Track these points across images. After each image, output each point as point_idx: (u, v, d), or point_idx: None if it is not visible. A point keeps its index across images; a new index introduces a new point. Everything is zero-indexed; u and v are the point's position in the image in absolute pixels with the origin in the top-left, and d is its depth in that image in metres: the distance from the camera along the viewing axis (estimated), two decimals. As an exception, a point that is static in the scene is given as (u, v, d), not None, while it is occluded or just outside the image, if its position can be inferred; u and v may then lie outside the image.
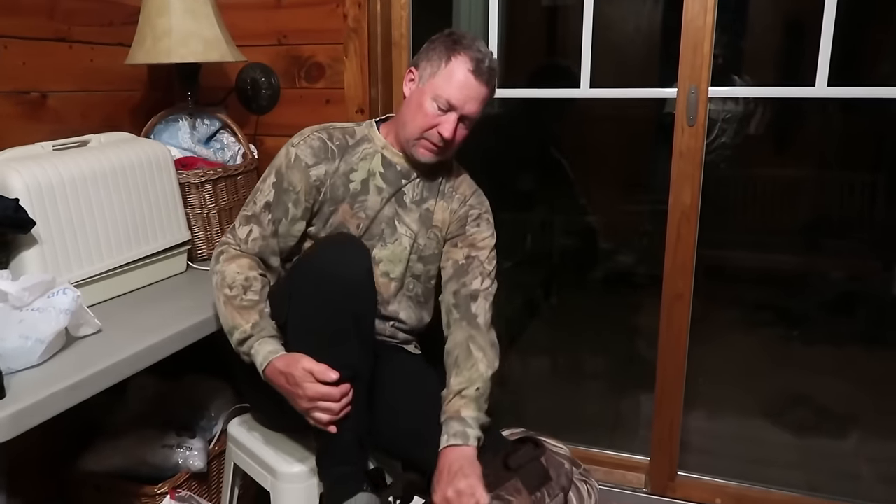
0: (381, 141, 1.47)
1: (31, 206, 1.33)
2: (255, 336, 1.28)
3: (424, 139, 1.39)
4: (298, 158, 1.40)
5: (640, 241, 3.78)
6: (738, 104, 3.01)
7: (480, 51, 1.36)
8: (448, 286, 1.47)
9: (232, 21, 1.93)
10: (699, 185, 1.79)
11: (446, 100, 1.34)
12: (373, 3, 1.89)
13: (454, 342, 1.39)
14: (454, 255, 1.48)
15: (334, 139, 1.43)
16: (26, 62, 1.64)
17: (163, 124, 1.85)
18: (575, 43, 1.83)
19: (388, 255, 1.45)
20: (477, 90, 1.36)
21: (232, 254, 1.38)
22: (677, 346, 1.88)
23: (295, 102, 2.00)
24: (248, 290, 1.32)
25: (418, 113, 1.37)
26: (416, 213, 1.47)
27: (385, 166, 1.45)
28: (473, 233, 1.48)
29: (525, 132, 3.65)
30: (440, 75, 1.35)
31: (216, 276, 1.36)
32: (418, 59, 1.41)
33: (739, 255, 3.63)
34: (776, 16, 3.72)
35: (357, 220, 1.43)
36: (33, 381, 1.12)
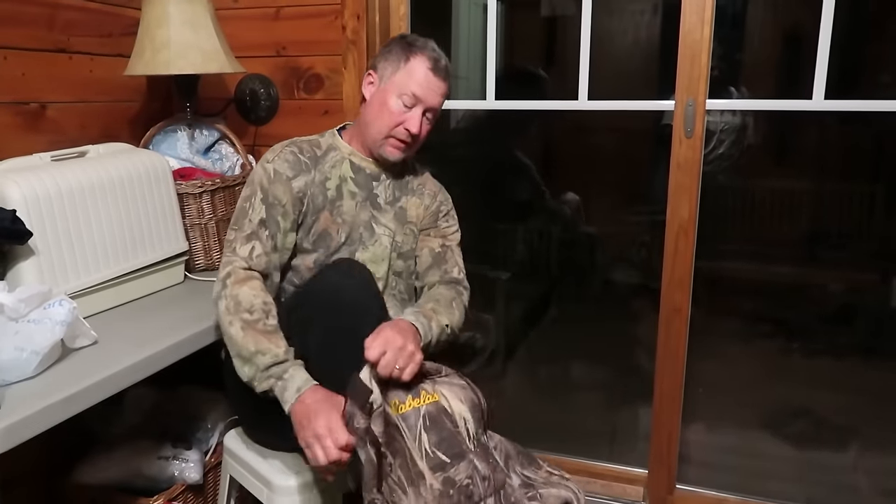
0: (347, 147, 1.50)
1: (28, 216, 1.33)
2: (289, 361, 1.25)
3: (392, 137, 1.43)
4: (278, 172, 1.41)
5: (639, 252, 3.79)
6: (736, 115, 3.02)
7: (435, 50, 1.43)
8: (429, 272, 1.54)
9: (231, 32, 1.94)
10: (697, 197, 1.79)
11: (411, 93, 1.39)
12: (371, 15, 1.89)
13: (441, 293, 1.46)
14: (429, 243, 1.55)
15: (304, 152, 1.46)
16: (25, 73, 1.64)
17: (161, 135, 1.86)
18: (573, 53, 1.84)
19: (370, 257, 1.48)
20: (437, 85, 1.42)
21: (241, 275, 1.34)
22: (675, 360, 1.88)
23: (293, 113, 2.01)
24: (269, 314, 1.30)
25: (383, 111, 1.41)
26: (390, 212, 1.51)
27: (355, 171, 1.49)
28: (445, 227, 1.58)
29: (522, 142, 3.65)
30: (401, 73, 1.40)
31: (226, 301, 1.31)
32: (375, 62, 1.46)
33: (738, 267, 3.64)
34: (774, 28, 3.74)
35: (337, 226, 1.45)
36: (28, 394, 1.12)
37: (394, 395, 1.23)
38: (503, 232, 3.53)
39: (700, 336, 1.93)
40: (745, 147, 3.37)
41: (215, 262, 1.83)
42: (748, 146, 3.39)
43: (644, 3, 4.04)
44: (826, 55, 1.64)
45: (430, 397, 1.25)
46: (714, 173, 3.04)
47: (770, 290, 3.59)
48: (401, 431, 1.20)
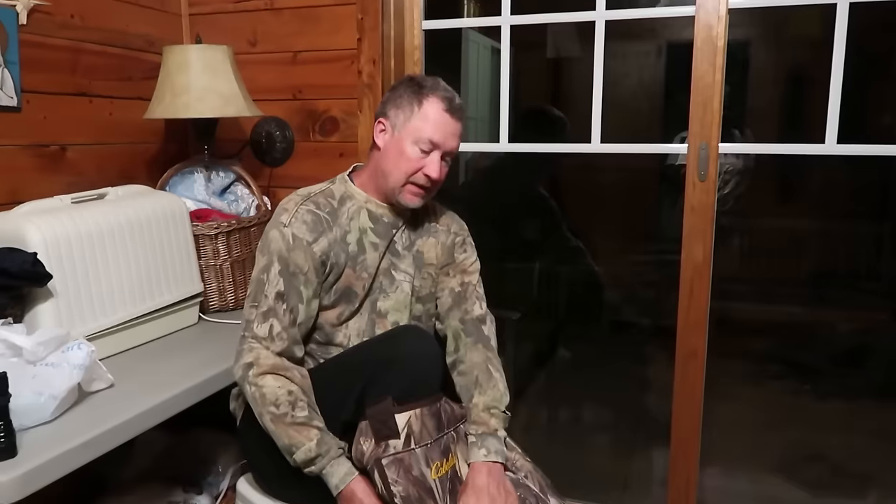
0: (362, 195, 1.43)
1: (48, 259, 1.33)
2: (323, 456, 1.22)
3: (411, 184, 1.38)
4: (297, 238, 1.33)
5: (647, 292, 3.77)
6: (739, 157, 3.04)
7: (447, 89, 1.38)
8: (451, 314, 1.49)
9: (250, 76, 1.98)
10: (711, 240, 1.79)
11: (428, 139, 1.35)
12: (387, 60, 1.92)
13: (472, 363, 1.42)
14: (448, 283, 1.51)
15: (321, 207, 1.38)
16: (47, 116, 1.67)
17: (178, 176, 1.87)
18: (577, 94, 1.86)
19: (392, 305, 1.43)
20: (453, 126, 1.38)
21: (263, 366, 1.27)
22: (692, 404, 1.85)
23: (309, 155, 2.03)
24: (295, 405, 1.24)
25: (400, 159, 1.36)
26: (408, 257, 1.46)
27: (373, 220, 1.42)
28: (462, 259, 1.53)
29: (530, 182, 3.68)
30: (415, 119, 1.35)
31: (252, 390, 1.26)
32: (385, 108, 1.40)
33: (746, 307, 3.62)
34: (777, 70, 3.79)
35: (361, 281, 1.40)
36: (45, 438, 1.11)
37: (434, 457, 1.23)
38: (513, 271, 3.53)
39: (711, 376, 1.90)
40: (751, 187, 3.39)
41: (229, 302, 1.83)
42: (753, 186, 3.41)
43: (648, 46, 4.11)
44: (838, 99, 1.66)
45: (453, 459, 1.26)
46: (721, 213, 3.05)
47: (779, 331, 3.57)
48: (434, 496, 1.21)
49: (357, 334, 1.40)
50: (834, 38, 1.65)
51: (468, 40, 3.44)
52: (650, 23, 3.90)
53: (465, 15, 3.12)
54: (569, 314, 3.60)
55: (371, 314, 1.41)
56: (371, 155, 1.44)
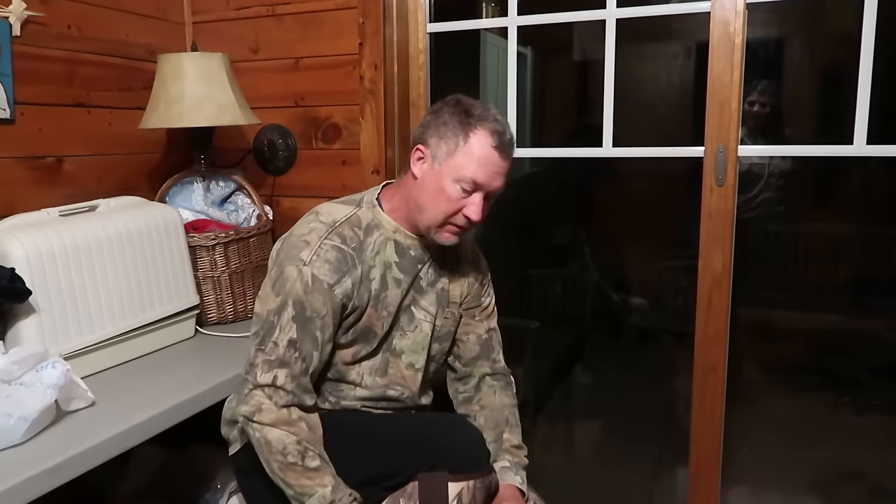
0: (391, 224, 1.29)
1: (30, 274, 1.30)
2: (336, 503, 1.14)
3: (450, 224, 1.24)
4: (318, 280, 1.19)
5: (675, 299, 3.64)
6: (786, 159, 2.90)
7: (498, 120, 1.22)
8: (479, 362, 1.43)
9: (251, 83, 1.94)
10: (731, 248, 1.69)
11: (471, 180, 1.19)
12: (389, 64, 1.87)
13: (502, 404, 1.40)
14: (475, 329, 1.43)
15: (348, 240, 1.24)
16: (42, 127, 1.65)
17: (177, 186, 1.84)
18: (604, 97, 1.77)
19: (409, 345, 1.33)
20: (501, 165, 1.21)
21: (265, 419, 1.17)
22: (712, 422, 1.75)
23: (311, 164, 1.98)
24: (305, 455, 1.16)
25: (440, 198, 1.21)
26: (431, 294, 1.35)
27: (399, 254, 1.29)
28: (487, 303, 1.45)
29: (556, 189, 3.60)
30: (459, 154, 1.19)
31: (257, 436, 1.18)
32: (425, 134, 1.24)
33: (782, 314, 3.46)
34: (812, 68, 3.63)
35: (381, 321, 1.28)
36: (13, 462, 1.07)
37: None
38: (534, 279, 3.45)
39: (741, 388, 1.79)
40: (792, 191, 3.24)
41: (228, 315, 1.79)
42: (794, 190, 3.26)
43: (676, 47, 3.98)
44: (867, 98, 1.54)
45: None
46: (760, 218, 2.92)
47: (816, 340, 3.40)
48: None
49: (370, 372, 1.31)
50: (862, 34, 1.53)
51: (486, 43, 3.37)
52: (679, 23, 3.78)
53: (483, 17, 3.05)
54: (592, 323, 3.50)
55: (385, 353, 1.32)
56: (405, 180, 1.29)
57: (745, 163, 2.56)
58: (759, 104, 2.69)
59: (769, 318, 3.35)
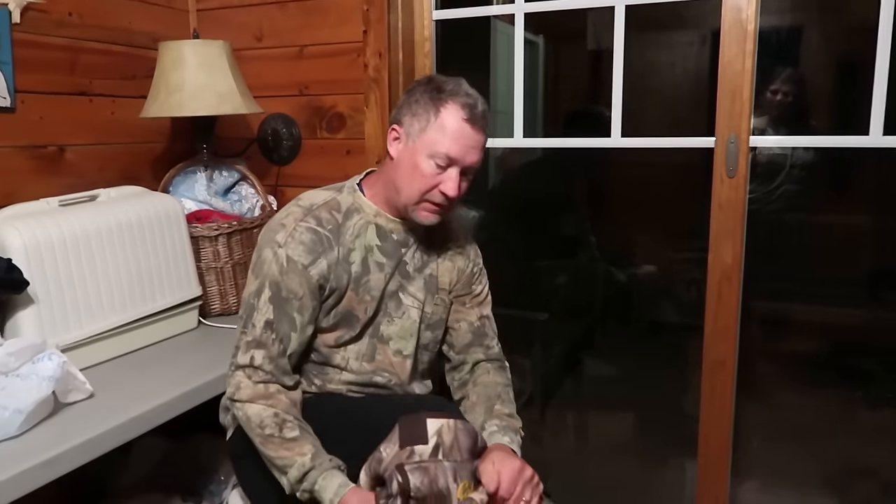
0: (371, 208, 1.29)
1: (28, 264, 1.29)
2: (316, 469, 1.13)
3: (426, 201, 1.23)
4: (292, 261, 1.20)
5: (689, 291, 3.60)
6: (809, 151, 2.84)
7: (469, 94, 1.21)
8: (471, 349, 1.41)
9: (255, 72, 1.92)
10: (742, 240, 1.65)
11: (445, 155, 1.19)
12: (394, 52, 1.83)
13: (496, 382, 1.37)
14: (466, 316, 1.40)
15: (324, 223, 1.24)
16: (43, 116, 1.63)
17: (181, 176, 1.83)
18: (623, 90, 1.73)
19: (396, 332, 1.32)
20: (474, 139, 1.21)
21: (243, 394, 1.19)
22: (721, 417, 1.72)
23: (316, 153, 1.96)
24: (283, 426, 1.16)
25: (414, 175, 1.21)
26: (419, 280, 1.33)
27: (381, 237, 1.29)
28: (479, 290, 1.43)
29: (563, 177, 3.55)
30: (431, 129, 1.19)
31: (239, 414, 1.20)
32: (399, 114, 1.25)
33: (797, 308, 3.41)
34: (829, 58, 3.55)
35: (364, 305, 1.28)
36: (7, 455, 1.06)
37: (463, 475, 1.11)
38: (541, 270, 3.41)
39: (751, 382, 1.76)
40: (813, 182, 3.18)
41: (231, 306, 1.77)
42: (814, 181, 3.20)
43: (691, 35, 3.91)
44: (884, 89, 1.49)
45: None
46: (780, 211, 2.86)
47: (830, 334, 3.34)
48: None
49: (356, 357, 1.30)
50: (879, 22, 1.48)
51: (496, 31, 3.32)
52: (694, 9, 3.71)
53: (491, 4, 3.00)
54: (602, 314, 3.47)
55: (372, 338, 1.31)
56: (384, 164, 1.30)
57: (766, 154, 2.51)
58: (781, 93, 2.62)
59: (783, 311, 3.29)
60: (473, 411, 1.32)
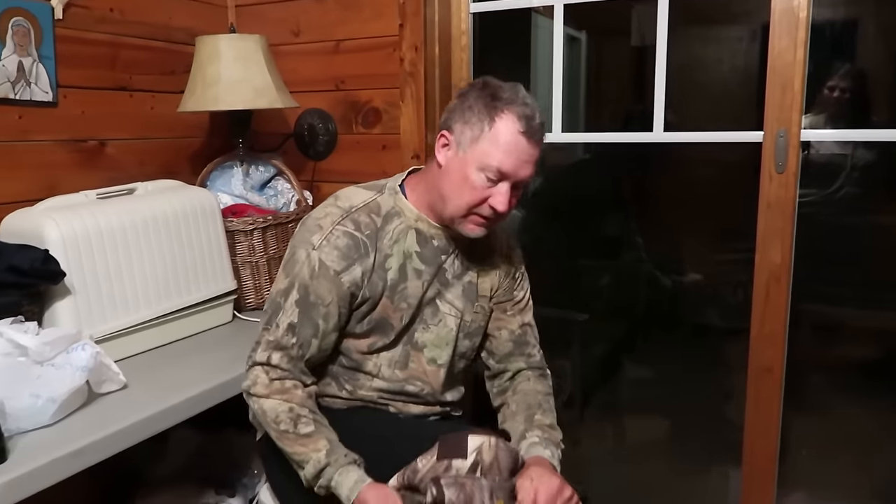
0: (413, 212, 1.23)
1: (65, 256, 1.31)
2: (332, 465, 1.11)
3: (474, 214, 1.17)
4: (324, 265, 1.16)
5: (735, 293, 3.49)
6: (870, 150, 2.70)
7: (527, 104, 1.13)
8: (512, 358, 1.37)
9: (292, 67, 1.92)
10: (791, 240, 1.58)
11: (497, 169, 1.12)
12: (430, 46, 1.81)
13: (537, 390, 1.33)
14: (507, 324, 1.36)
15: (362, 227, 1.19)
16: (85, 111, 1.66)
17: (218, 171, 1.84)
18: (668, 86, 1.67)
19: (432, 340, 1.27)
20: (529, 153, 1.13)
21: (259, 392, 1.17)
22: (768, 425, 1.64)
23: (351, 148, 1.95)
24: (297, 421, 1.14)
25: (463, 187, 1.14)
26: (458, 287, 1.28)
27: (421, 244, 1.23)
28: (520, 297, 1.37)
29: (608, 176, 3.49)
30: (484, 140, 1.12)
31: (255, 408, 1.19)
32: (450, 120, 1.17)
33: (849, 312, 3.27)
34: (887, 52, 3.40)
35: (399, 313, 1.23)
36: (41, 444, 1.07)
37: (499, 495, 1.08)
38: (583, 270, 3.35)
39: (802, 389, 1.68)
40: (874, 184, 3.04)
41: (266, 300, 1.77)
42: (875, 182, 3.05)
43: (741, 30, 3.79)
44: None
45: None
46: (841, 214, 2.74)
47: (885, 340, 3.20)
48: None
49: (388, 364, 1.26)
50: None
51: (538, 27, 3.27)
52: (742, 4, 3.59)
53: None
54: (645, 316, 3.38)
55: (406, 346, 1.27)
56: (430, 168, 1.23)
57: (825, 155, 2.41)
58: (839, 89, 2.50)
59: (836, 316, 3.16)
60: (513, 420, 1.28)
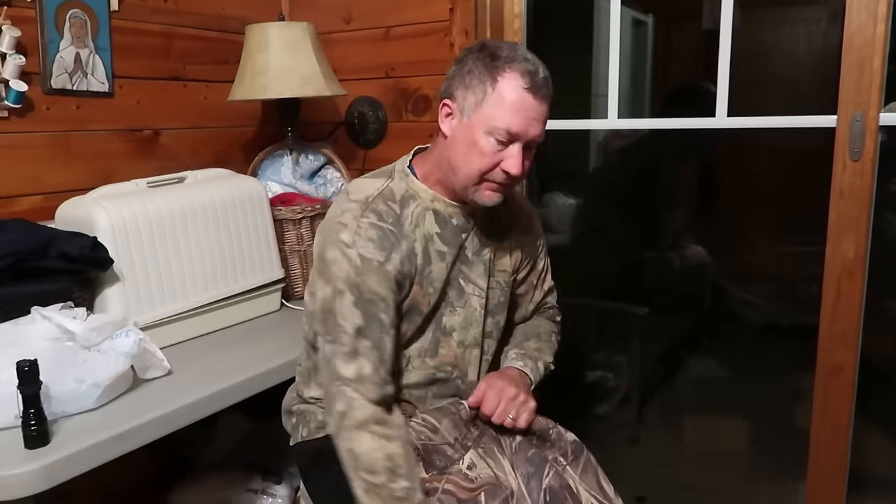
0: (427, 193, 1.18)
1: (114, 243, 1.33)
2: None
3: (487, 181, 1.12)
4: (366, 259, 1.10)
5: (808, 288, 3.30)
6: None
7: (528, 59, 1.08)
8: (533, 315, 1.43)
9: (342, 55, 1.91)
10: (867, 232, 1.46)
11: (505, 130, 1.07)
12: (481, 31, 1.76)
13: (538, 323, 1.39)
14: (534, 295, 1.39)
15: (384, 216, 1.13)
16: (140, 101, 1.69)
17: (269, 160, 1.85)
18: (738, 67, 1.58)
19: (460, 322, 1.23)
20: (537, 109, 1.08)
21: (356, 417, 1.07)
22: (837, 429, 1.53)
23: (401, 136, 1.92)
24: (395, 474, 1.04)
25: (472, 154, 1.10)
26: (479, 265, 1.24)
27: (440, 224, 1.18)
28: (542, 267, 1.39)
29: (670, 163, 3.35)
30: (489, 103, 1.08)
31: (346, 447, 1.08)
32: (451, 87, 1.12)
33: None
34: None
35: (427, 298, 1.18)
36: (84, 427, 1.09)
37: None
38: (644, 261, 3.24)
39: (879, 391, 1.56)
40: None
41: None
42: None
43: (818, 11, 3.57)
44: None
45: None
46: None
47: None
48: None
49: (418, 354, 1.21)
50: None
51: (600, 10, 3.17)
52: (824, -15, 3.39)
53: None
54: (710, 311, 3.24)
55: (436, 332, 1.22)
56: (436, 143, 1.19)
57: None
58: None
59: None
60: (510, 345, 1.33)
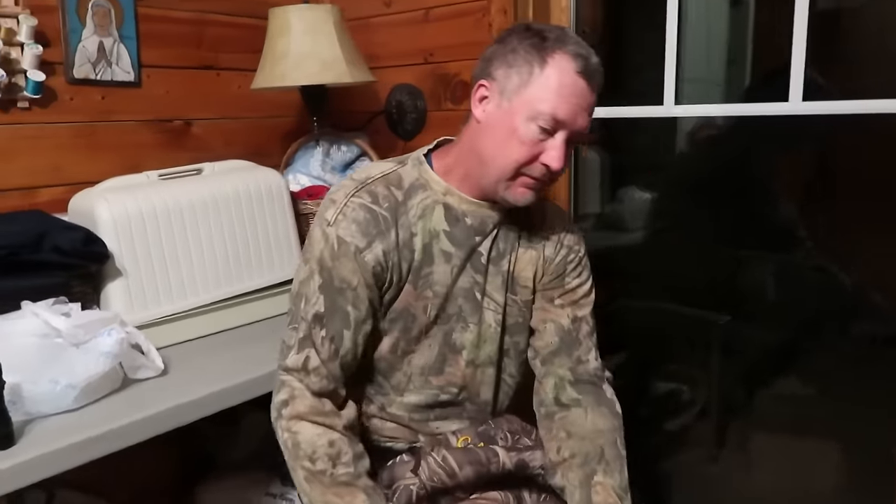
0: (441, 185, 1.07)
1: (116, 237, 1.30)
2: None
3: (524, 176, 1.01)
4: (344, 242, 1.01)
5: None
6: None
7: (580, 43, 0.99)
8: (558, 361, 1.14)
9: (383, 41, 1.82)
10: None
11: (551, 115, 0.96)
12: (522, 9, 1.60)
13: (596, 430, 1.10)
14: (556, 316, 1.15)
15: (380, 199, 1.04)
16: (169, 91, 1.66)
17: (301, 151, 1.78)
18: (865, 50, 1.36)
19: (472, 340, 1.11)
20: (587, 98, 0.99)
21: (297, 407, 1.03)
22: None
23: (441, 126, 1.80)
24: (337, 460, 1.00)
25: (510, 142, 0.98)
26: (497, 276, 1.11)
27: (451, 222, 1.06)
28: (575, 285, 1.15)
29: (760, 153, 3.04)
30: (535, 84, 0.97)
31: (285, 437, 1.03)
32: (490, 66, 1.01)
33: None
34: None
35: (424, 303, 1.07)
36: (57, 429, 1.05)
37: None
38: (726, 264, 2.95)
39: None
40: None
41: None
42: None
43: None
44: None
45: None
46: None
47: None
48: None
49: (420, 372, 1.10)
50: None
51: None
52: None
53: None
54: (809, 322, 2.91)
55: (443, 347, 1.10)
56: (464, 130, 1.07)
57: None
58: None
59: None
60: (570, 471, 1.08)
